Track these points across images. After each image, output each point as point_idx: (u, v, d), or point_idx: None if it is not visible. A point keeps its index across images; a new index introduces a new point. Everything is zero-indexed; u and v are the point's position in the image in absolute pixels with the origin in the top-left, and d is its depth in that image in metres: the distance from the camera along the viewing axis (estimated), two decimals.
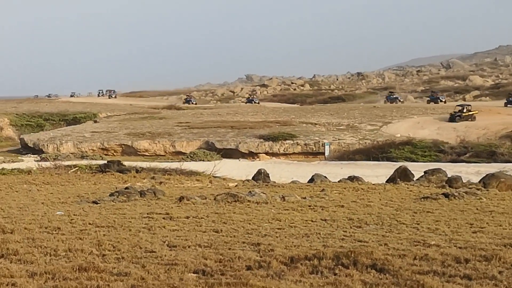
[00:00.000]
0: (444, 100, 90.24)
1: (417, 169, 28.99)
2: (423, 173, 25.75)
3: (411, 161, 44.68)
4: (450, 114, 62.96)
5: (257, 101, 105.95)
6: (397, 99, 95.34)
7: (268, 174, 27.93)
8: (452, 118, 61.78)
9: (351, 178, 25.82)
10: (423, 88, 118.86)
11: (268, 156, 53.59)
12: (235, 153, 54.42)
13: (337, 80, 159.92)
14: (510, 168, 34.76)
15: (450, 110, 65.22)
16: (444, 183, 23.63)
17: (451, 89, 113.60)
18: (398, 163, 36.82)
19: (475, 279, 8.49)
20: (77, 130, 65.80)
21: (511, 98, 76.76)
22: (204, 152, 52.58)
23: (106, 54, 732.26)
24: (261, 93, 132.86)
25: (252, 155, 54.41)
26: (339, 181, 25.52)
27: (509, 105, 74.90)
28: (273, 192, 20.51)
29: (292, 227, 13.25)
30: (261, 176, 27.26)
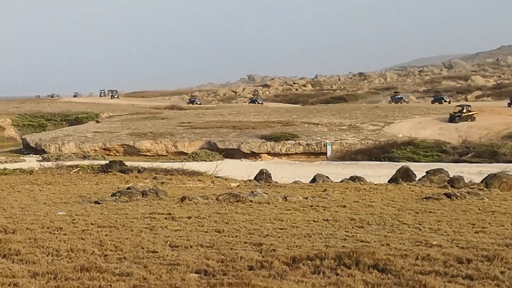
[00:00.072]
0: (449, 101, 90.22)
1: (419, 169, 28.94)
2: (425, 173, 25.72)
3: (413, 161, 44.61)
4: (450, 115, 62.98)
5: (261, 102, 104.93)
6: (402, 99, 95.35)
7: (270, 174, 27.93)
8: (452, 119, 61.77)
9: (353, 178, 25.79)
10: (425, 88, 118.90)
11: (270, 156, 53.56)
12: (237, 153, 54.38)
13: (339, 80, 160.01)
14: None
15: (451, 111, 65.27)
16: (446, 183, 23.62)
17: (453, 89, 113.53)
18: (400, 163, 36.74)
19: (477, 279, 8.48)
20: (79, 130, 65.81)
21: None
22: (206, 152, 52.51)
23: (107, 54, 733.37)
24: (263, 93, 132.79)
25: (254, 155, 54.38)
26: (341, 181, 25.50)
27: None
28: (275, 192, 20.50)
29: (294, 227, 13.24)
30: (263, 176, 27.25)
